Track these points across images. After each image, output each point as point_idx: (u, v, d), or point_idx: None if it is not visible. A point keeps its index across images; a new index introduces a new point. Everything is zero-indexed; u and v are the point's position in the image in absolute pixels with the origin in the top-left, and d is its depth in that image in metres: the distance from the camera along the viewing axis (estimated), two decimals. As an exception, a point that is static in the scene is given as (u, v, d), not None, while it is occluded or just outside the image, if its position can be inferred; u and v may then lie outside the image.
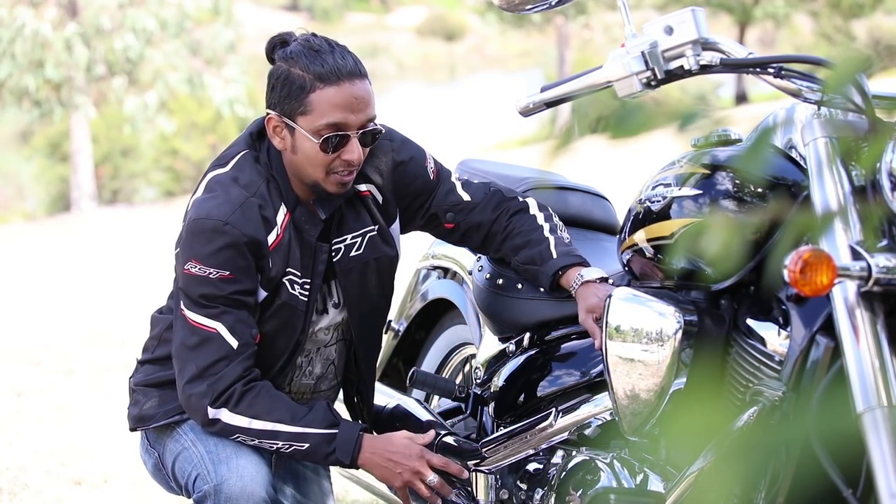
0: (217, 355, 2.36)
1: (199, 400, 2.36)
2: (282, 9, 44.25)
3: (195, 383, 2.36)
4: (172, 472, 2.51)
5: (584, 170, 5.96)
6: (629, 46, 2.12)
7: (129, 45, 16.83)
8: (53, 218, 18.00)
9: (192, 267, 2.35)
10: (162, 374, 2.52)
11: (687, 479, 2.09)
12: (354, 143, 2.35)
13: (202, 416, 2.37)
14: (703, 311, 2.14)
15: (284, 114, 2.36)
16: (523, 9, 2.32)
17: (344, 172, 2.37)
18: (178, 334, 2.41)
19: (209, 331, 2.36)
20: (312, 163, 2.36)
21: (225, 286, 2.35)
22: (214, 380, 2.35)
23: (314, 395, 2.61)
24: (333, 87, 2.32)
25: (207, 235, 2.34)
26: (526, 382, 2.64)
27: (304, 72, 2.32)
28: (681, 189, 2.18)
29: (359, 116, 2.34)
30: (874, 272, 1.75)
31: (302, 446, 2.37)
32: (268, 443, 2.38)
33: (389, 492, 2.93)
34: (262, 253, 2.37)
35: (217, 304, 2.35)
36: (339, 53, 2.34)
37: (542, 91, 2.26)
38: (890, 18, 23.81)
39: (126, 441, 4.66)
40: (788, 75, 2.00)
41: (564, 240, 2.55)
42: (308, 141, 2.34)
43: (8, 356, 6.70)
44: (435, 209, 2.59)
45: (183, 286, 2.39)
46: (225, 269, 2.34)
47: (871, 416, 1.72)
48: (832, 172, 1.88)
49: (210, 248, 2.34)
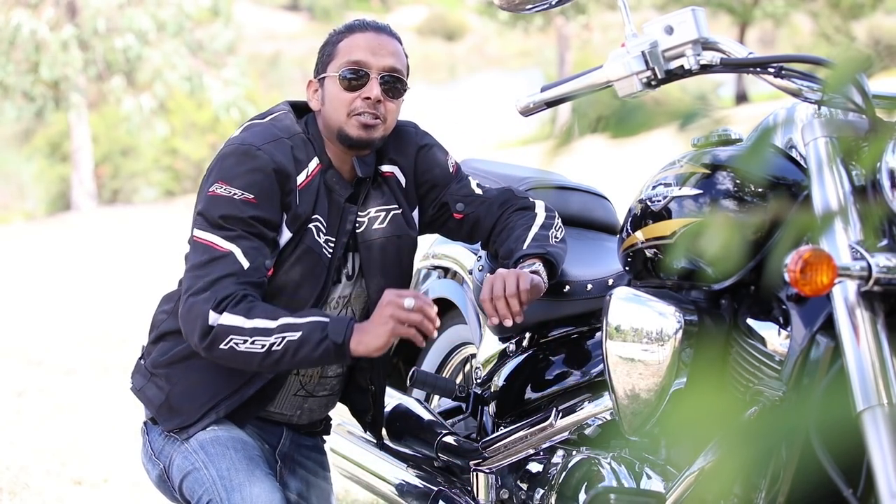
0: (226, 271, 2.34)
1: (202, 305, 2.32)
2: (282, 9, 44.22)
3: (200, 294, 2.34)
4: (180, 489, 2.50)
5: (584, 170, 5.96)
6: (629, 46, 2.12)
7: (129, 46, 16.83)
8: (53, 218, 18.00)
9: (217, 188, 2.38)
10: (182, 349, 2.49)
11: (687, 479, 2.09)
12: (374, 82, 2.45)
13: (202, 321, 2.31)
14: (704, 310, 2.14)
15: (319, 72, 2.52)
16: (523, 9, 2.32)
17: (365, 115, 2.45)
18: (190, 258, 2.41)
19: (222, 251, 2.36)
20: (335, 104, 2.46)
21: (247, 209, 2.37)
22: (219, 288, 2.33)
23: (322, 379, 2.61)
24: (359, 33, 2.50)
25: (238, 158, 2.40)
26: (526, 382, 2.64)
27: (338, 32, 2.53)
28: (681, 189, 2.18)
29: (380, 60, 2.46)
30: (874, 272, 1.75)
31: (294, 336, 2.29)
32: (260, 341, 2.30)
33: (389, 492, 2.93)
34: (289, 187, 2.41)
35: (235, 227, 2.36)
36: (375, 21, 2.53)
37: (543, 91, 2.26)
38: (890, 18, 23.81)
39: (126, 441, 4.66)
40: (788, 75, 2.00)
41: (549, 237, 2.56)
42: (333, 82, 2.47)
43: (8, 356, 6.70)
44: (447, 198, 2.64)
45: (203, 209, 2.40)
46: (250, 192, 2.37)
47: (871, 415, 1.72)
48: (832, 172, 1.88)
49: (239, 169, 2.38)
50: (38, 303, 8.89)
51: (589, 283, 2.60)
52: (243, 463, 2.42)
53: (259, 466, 2.43)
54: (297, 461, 2.67)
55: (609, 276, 2.57)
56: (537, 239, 2.53)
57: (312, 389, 2.60)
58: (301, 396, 2.60)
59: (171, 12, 17.19)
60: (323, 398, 2.64)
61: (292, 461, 2.66)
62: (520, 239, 2.54)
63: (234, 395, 2.49)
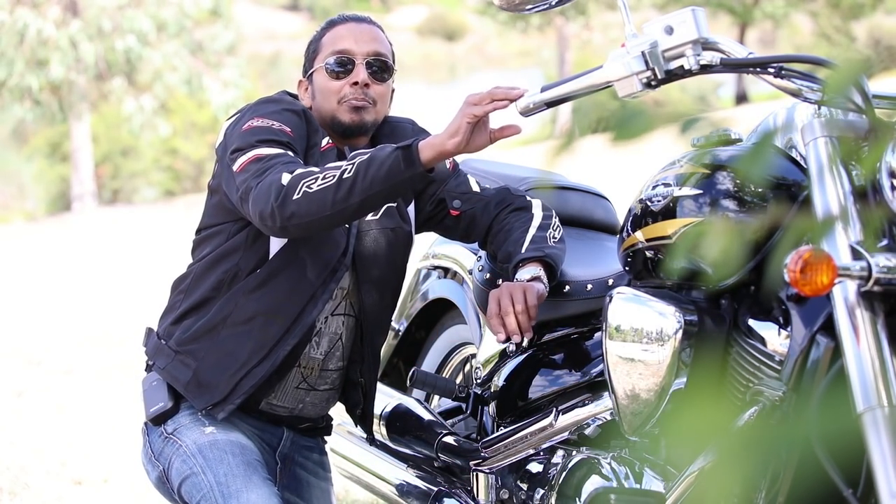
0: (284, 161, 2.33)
1: (274, 174, 2.28)
2: (282, 9, 44.23)
3: (265, 174, 2.30)
4: (178, 493, 2.51)
5: (585, 170, 5.95)
6: (629, 46, 2.12)
7: (129, 47, 16.83)
8: (53, 218, 18.01)
9: (254, 122, 2.41)
10: (206, 322, 2.49)
11: (687, 479, 2.09)
12: (360, 67, 2.52)
13: (276, 184, 2.27)
14: (704, 311, 2.14)
15: (307, 69, 2.58)
16: (523, 9, 2.32)
17: (354, 98, 2.50)
18: (235, 182, 2.36)
19: (270, 153, 2.34)
20: (325, 94, 2.53)
21: (284, 136, 2.40)
22: (285, 166, 2.31)
23: (323, 372, 2.61)
24: (341, 25, 2.57)
25: (273, 101, 2.49)
26: (526, 382, 2.64)
27: (321, 29, 2.61)
28: (681, 189, 2.18)
29: (363, 47, 2.53)
30: (874, 272, 1.75)
31: (363, 158, 2.26)
32: (332, 173, 2.25)
33: (389, 492, 2.94)
34: (315, 141, 2.48)
35: (275, 145, 2.38)
36: (354, 12, 2.61)
37: (543, 91, 2.26)
38: (890, 18, 23.80)
39: (126, 441, 4.66)
40: (789, 75, 2.00)
41: (547, 238, 2.56)
42: (320, 74, 2.54)
43: (8, 356, 6.70)
44: (444, 194, 2.65)
45: (239, 140, 2.38)
46: (287, 126, 2.42)
47: (871, 415, 1.72)
48: (832, 172, 1.88)
49: (275, 107, 2.45)
50: (38, 303, 8.89)
51: (589, 283, 2.60)
52: (241, 468, 2.42)
53: (257, 472, 2.43)
54: (298, 462, 2.67)
55: (609, 276, 2.57)
56: (535, 241, 2.54)
57: (314, 383, 2.60)
58: (303, 390, 2.60)
59: (172, 12, 17.20)
60: (324, 392, 2.64)
61: (293, 462, 2.66)
62: (518, 241, 2.54)
63: (263, 363, 2.47)
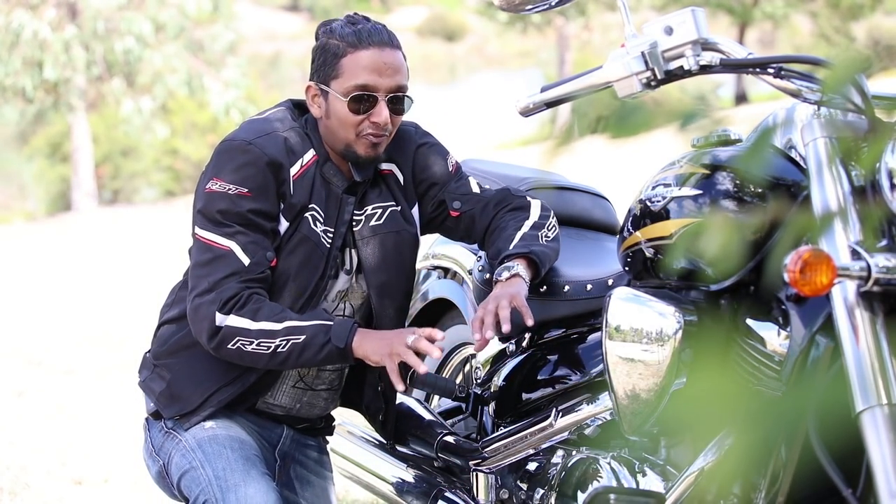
0: (229, 270, 2.40)
1: (209, 307, 2.39)
2: (282, 9, 44.22)
3: (205, 295, 2.40)
4: (178, 487, 2.52)
5: (584, 170, 5.96)
6: (629, 46, 2.12)
7: (129, 48, 16.83)
8: (54, 218, 18.01)
9: (213, 185, 2.43)
10: (181, 338, 2.53)
11: (687, 479, 2.09)
12: (382, 105, 2.46)
13: (209, 323, 2.38)
14: (704, 310, 2.14)
15: (321, 81, 2.50)
16: (523, 9, 2.33)
17: (373, 136, 2.47)
18: (193, 255, 2.47)
19: (223, 248, 2.41)
20: (343, 124, 2.47)
21: (243, 203, 2.41)
22: (223, 289, 2.39)
23: (319, 372, 2.61)
24: (364, 51, 2.46)
25: (231, 154, 2.44)
26: (526, 382, 2.65)
27: (339, 40, 2.48)
28: (681, 189, 2.18)
29: (387, 81, 2.46)
30: (874, 272, 1.75)
31: (299, 339, 2.38)
32: (265, 343, 2.38)
33: (389, 492, 2.94)
34: (283, 177, 2.45)
35: (232, 223, 2.41)
36: (373, 25, 2.50)
37: (542, 91, 2.26)
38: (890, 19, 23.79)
39: (126, 441, 4.66)
40: (788, 75, 2.00)
41: (538, 237, 2.56)
42: (339, 102, 2.46)
43: (8, 356, 6.70)
44: (445, 195, 2.65)
45: (202, 207, 2.45)
46: (244, 187, 2.42)
47: (870, 415, 1.72)
48: (832, 172, 1.88)
49: (232, 164, 2.43)
50: (38, 303, 8.89)
51: (589, 283, 2.60)
52: (239, 463, 2.43)
53: (255, 466, 2.44)
54: (298, 460, 2.68)
55: (609, 276, 2.57)
56: (525, 238, 2.55)
57: (311, 382, 2.61)
58: (300, 389, 2.61)
59: (172, 13, 17.19)
60: (322, 392, 2.64)
61: (293, 460, 2.67)
62: (509, 238, 2.56)
63: (234, 383, 2.51)
